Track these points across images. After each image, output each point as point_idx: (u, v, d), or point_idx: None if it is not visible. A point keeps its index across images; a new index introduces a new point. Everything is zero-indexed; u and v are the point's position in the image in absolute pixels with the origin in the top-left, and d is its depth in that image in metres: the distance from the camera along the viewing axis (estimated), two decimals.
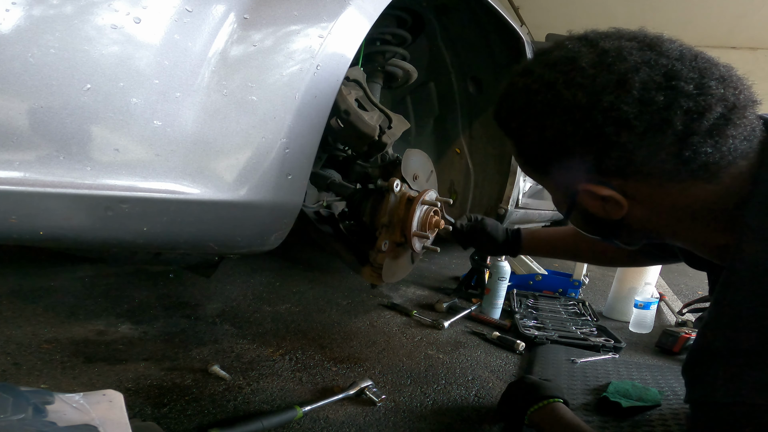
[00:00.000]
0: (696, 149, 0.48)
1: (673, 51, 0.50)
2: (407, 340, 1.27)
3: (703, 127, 0.47)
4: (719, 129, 0.48)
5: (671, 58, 0.49)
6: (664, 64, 0.48)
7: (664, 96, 0.47)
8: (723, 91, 0.48)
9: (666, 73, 0.48)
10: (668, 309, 2.07)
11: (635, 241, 0.64)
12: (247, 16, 0.62)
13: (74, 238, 0.52)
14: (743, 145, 0.49)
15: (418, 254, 1.18)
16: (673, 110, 0.47)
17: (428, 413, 0.90)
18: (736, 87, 0.49)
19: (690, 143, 0.48)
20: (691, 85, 0.47)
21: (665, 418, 0.94)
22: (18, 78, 0.43)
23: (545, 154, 0.57)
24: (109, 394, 0.64)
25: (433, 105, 1.80)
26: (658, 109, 0.47)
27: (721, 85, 0.48)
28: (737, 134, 0.48)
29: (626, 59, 0.49)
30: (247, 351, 1.07)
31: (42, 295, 1.24)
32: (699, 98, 0.47)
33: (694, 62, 0.49)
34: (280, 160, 0.65)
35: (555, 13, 4.87)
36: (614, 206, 0.55)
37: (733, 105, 0.48)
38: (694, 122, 0.47)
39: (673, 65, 0.48)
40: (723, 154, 0.48)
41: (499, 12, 1.37)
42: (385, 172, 1.16)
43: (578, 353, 1.26)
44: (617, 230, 0.61)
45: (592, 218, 0.60)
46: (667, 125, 0.47)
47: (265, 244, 0.75)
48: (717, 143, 0.48)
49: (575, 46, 0.53)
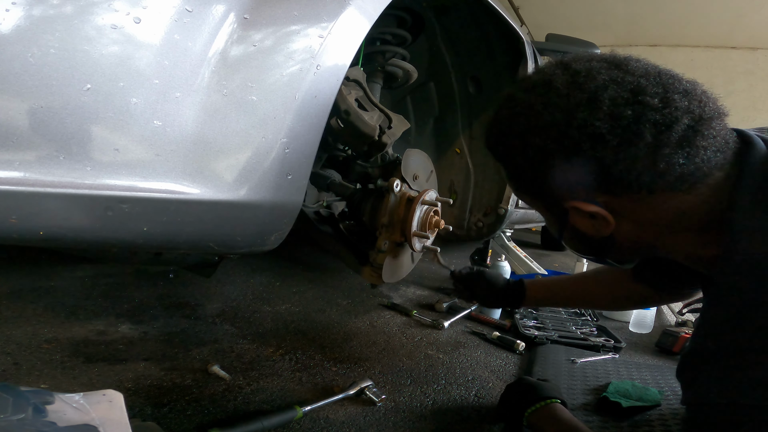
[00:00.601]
0: (669, 161, 0.50)
1: (639, 69, 0.53)
2: (407, 340, 1.27)
3: (673, 139, 0.49)
4: (689, 140, 0.50)
5: (636, 75, 0.52)
6: (630, 81, 0.51)
7: (632, 110, 0.50)
8: (687, 104, 0.50)
9: (632, 89, 0.51)
10: (668, 309, 2.07)
11: (627, 258, 0.66)
12: (247, 16, 0.62)
13: (74, 238, 0.52)
14: (717, 157, 0.51)
15: (418, 254, 1.18)
16: (642, 123, 0.49)
17: (428, 413, 0.90)
18: (701, 100, 0.51)
19: (663, 155, 0.50)
20: (656, 99, 0.50)
21: (665, 418, 0.94)
22: (18, 78, 0.43)
23: (531, 174, 0.59)
24: (109, 394, 0.64)
25: (433, 105, 1.80)
26: (628, 123, 0.50)
27: (686, 98, 0.51)
28: (708, 145, 0.50)
29: (596, 78, 0.52)
30: (247, 351, 1.07)
31: (42, 295, 1.24)
32: (665, 111, 0.49)
33: (658, 78, 0.52)
34: (280, 160, 0.65)
35: (555, 13, 4.87)
36: (602, 223, 0.57)
37: (699, 117, 0.50)
38: (663, 134, 0.49)
39: (639, 81, 0.51)
40: (697, 165, 0.51)
41: (499, 12, 1.37)
42: (385, 172, 1.16)
43: (578, 353, 1.26)
44: (608, 248, 0.62)
45: (582, 237, 0.62)
46: (639, 138, 0.50)
47: (265, 244, 0.75)
48: (689, 154, 0.50)
49: (551, 70, 0.57)
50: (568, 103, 0.52)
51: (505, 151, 0.61)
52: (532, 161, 0.57)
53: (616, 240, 0.60)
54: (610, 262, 0.67)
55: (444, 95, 1.76)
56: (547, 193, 0.60)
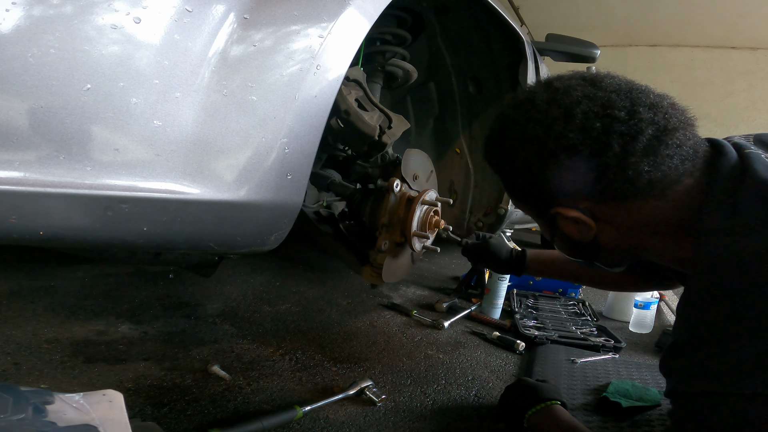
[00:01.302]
0: (636, 168, 0.54)
1: (611, 85, 0.57)
2: (407, 340, 1.27)
3: (638, 148, 0.53)
4: (653, 149, 0.54)
5: (608, 91, 0.56)
6: (601, 96, 0.56)
7: (600, 123, 0.54)
8: (653, 116, 0.54)
9: (603, 104, 0.55)
10: (668, 309, 2.07)
11: (614, 262, 0.70)
12: (247, 16, 0.62)
13: (74, 238, 0.52)
14: (685, 165, 0.55)
15: (418, 254, 1.18)
16: (611, 135, 0.54)
17: (428, 413, 0.90)
18: (666, 112, 0.55)
19: (630, 163, 0.54)
20: (623, 112, 0.54)
21: (665, 418, 0.94)
22: (18, 78, 0.43)
23: (520, 183, 0.64)
24: (109, 394, 0.64)
25: (433, 105, 1.80)
26: (598, 135, 0.54)
27: (651, 110, 0.55)
28: (673, 154, 0.54)
29: (571, 94, 0.57)
30: (247, 351, 1.07)
31: (42, 295, 1.24)
32: (630, 122, 0.54)
33: (628, 93, 0.56)
34: (280, 160, 0.65)
35: (555, 13, 4.86)
36: (585, 227, 0.62)
37: (664, 127, 0.54)
38: (629, 144, 0.53)
39: (609, 97, 0.55)
40: (664, 172, 0.55)
41: (499, 12, 1.37)
42: (385, 172, 1.16)
43: (578, 353, 1.26)
44: (594, 251, 0.67)
45: (570, 241, 0.66)
46: (607, 148, 0.54)
47: (265, 244, 0.75)
48: (655, 162, 0.54)
49: (535, 88, 0.62)
50: (546, 117, 0.57)
51: (498, 163, 0.67)
52: (519, 172, 0.62)
53: (600, 244, 0.64)
54: (599, 266, 0.72)
55: (444, 95, 1.76)
56: (535, 201, 0.65)
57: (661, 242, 0.61)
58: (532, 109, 0.59)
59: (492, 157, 0.68)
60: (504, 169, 0.66)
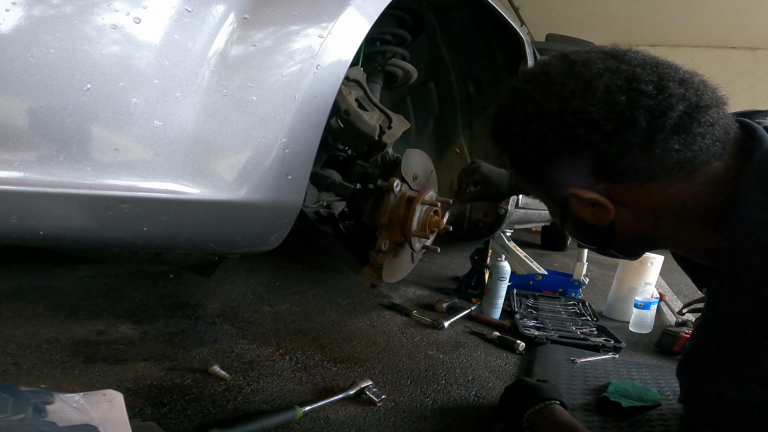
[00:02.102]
0: (664, 146, 0.50)
1: (635, 59, 0.54)
2: (407, 340, 1.27)
3: (668, 125, 0.50)
4: (684, 126, 0.50)
5: (632, 65, 0.53)
6: (625, 70, 0.52)
7: (626, 97, 0.50)
8: (683, 92, 0.50)
9: (627, 77, 0.52)
10: (668, 309, 2.07)
11: (630, 250, 0.66)
12: (247, 16, 0.61)
13: (74, 238, 0.52)
14: (716, 146, 0.51)
15: (418, 254, 1.18)
16: (637, 109, 0.50)
17: (428, 413, 0.90)
18: (697, 88, 0.51)
19: (658, 140, 0.50)
20: (651, 86, 0.50)
21: (665, 418, 0.94)
22: (18, 78, 0.43)
23: (531, 161, 0.60)
24: (109, 394, 0.64)
25: (433, 105, 1.80)
26: (622, 109, 0.50)
27: (681, 86, 0.51)
28: (705, 132, 0.50)
29: (591, 67, 0.53)
30: (247, 351, 1.07)
31: (42, 295, 1.24)
32: (659, 97, 0.50)
33: (654, 68, 0.53)
34: (280, 160, 0.65)
35: (555, 13, 4.86)
36: (602, 211, 0.57)
37: (695, 104, 0.50)
38: (657, 120, 0.50)
39: (634, 70, 0.52)
40: (694, 152, 0.51)
41: (499, 12, 1.37)
42: (385, 172, 1.16)
43: (578, 353, 1.26)
44: (610, 237, 0.62)
45: (584, 226, 0.62)
46: (633, 123, 0.50)
47: (265, 244, 0.75)
48: (685, 141, 0.50)
49: (550, 61, 0.59)
50: (563, 90, 0.54)
51: (507, 139, 0.62)
52: (531, 148, 0.58)
53: (616, 229, 0.60)
54: (613, 253, 0.67)
55: (444, 95, 1.76)
56: (548, 181, 0.61)
57: (683, 229, 0.57)
58: (547, 82, 0.56)
59: (501, 134, 0.63)
60: (514, 146, 0.61)
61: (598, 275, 2.88)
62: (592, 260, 3.45)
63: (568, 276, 2.05)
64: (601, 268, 3.22)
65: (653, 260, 1.75)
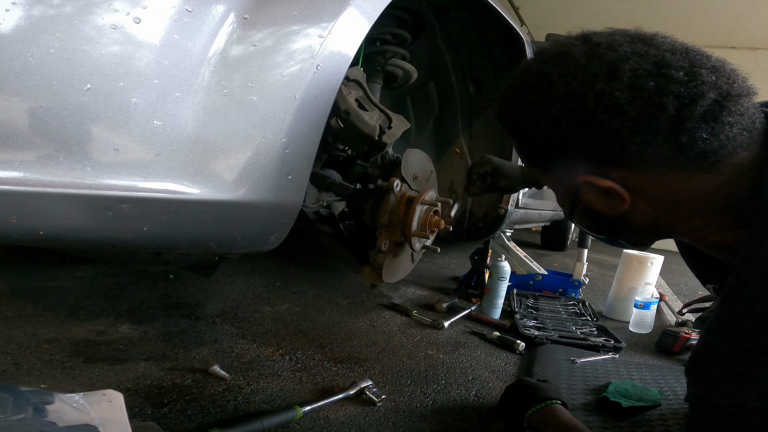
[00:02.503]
0: (692, 135, 0.48)
1: (664, 44, 0.51)
2: (407, 340, 1.27)
3: (697, 113, 0.48)
4: (714, 115, 0.48)
5: (662, 50, 0.50)
6: (654, 54, 0.50)
7: (654, 82, 0.48)
8: (715, 79, 0.49)
9: (656, 62, 0.49)
10: (668, 309, 2.07)
11: (641, 240, 0.63)
12: (247, 16, 0.61)
13: (74, 238, 0.52)
14: (743, 136, 0.49)
15: (418, 254, 1.18)
16: (665, 95, 0.48)
17: (428, 413, 0.90)
18: (729, 77, 0.50)
19: (685, 129, 0.48)
20: (682, 73, 0.48)
21: (665, 418, 0.94)
22: (18, 78, 0.43)
23: (543, 145, 0.57)
24: (109, 394, 0.64)
25: (433, 105, 1.80)
26: (650, 95, 0.48)
27: (713, 74, 0.49)
28: (734, 122, 0.48)
29: (617, 50, 0.51)
30: (247, 351, 1.07)
31: (42, 295, 1.24)
32: (690, 84, 0.48)
33: (685, 54, 0.50)
34: (280, 160, 0.65)
35: (555, 13, 4.87)
36: (616, 200, 0.55)
37: (726, 93, 0.48)
38: (687, 107, 0.48)
39: (664, 55, 0.50)
40: (721, 142, 0.49)
41: (499, 12, 1.37)
42: (385, 172, 1.16)
43: (578, 353, 1.26)
44: (622, 228, 0.60)
45: (595, 215, 0.59)
46: (660, 110, 0.48)
47: (265, 244, 0.75)
48: (713, 130, 0.48)
49: (569, 41, 0.55)
50: (585, 73, 0.51)
51: (517, 122, 0.59)
52: (545, 132, 0.55)
53: (629, 219, 0.57)
54: (623, 243, 0.65)
55: (444, 95, 1.76)
56: (560, 167, 0.58)
57: (700, 221, 0.54)
58: (567, 63, 0.52)
59: (510, 115, 0.60)
60: (524, 129, 0.58)
61: (598, 275, 2.88)
62: (592, 260, 3.45)
63: (568, 276, 2.06)
64: (601, 268, 3.22)
65: (653, 260, 1.75)
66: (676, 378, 1.16)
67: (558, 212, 2.94)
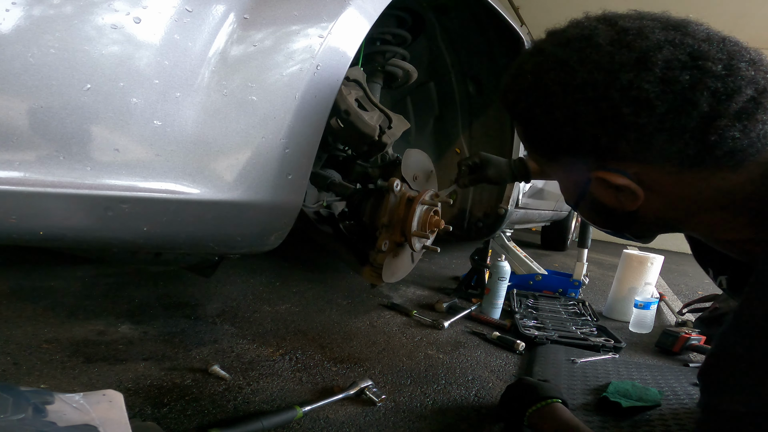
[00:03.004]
0: (723, 133, 0.45)
1: (699, 32, 0.48)
2: (407, 340, 1.27)
3: (732, 110, 0.45)
4: (748, 113, 0.45)
5: (697, 39, 0.47)
6: (689, 44, 0.46)
7: (689, 75, 0.45)
8: (753, 74, 0.45)
9: (691, 53, 0.46)
10: (668, 309, 2.07)
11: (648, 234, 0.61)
12: (247, 16, 0.62)
13: (74, 238, 0.52)
14: None
15: (418, 254, 1.18)
16: (699, 90, 0.44)
17: (428, 413, 0.90)
18: (767, 71, 0.47)
19: (716, 126, 0.45)
20: (719, 66, 0.45)
21: (665, 418, 0.94)
22: (18, 78, 0.43)
23: (555, 137, 0.53)
24: (109, 394, 0.64)
25: (433, 105, 1.80)
26: (683, 89, 0.45)
27: (752, 67, 0.46)
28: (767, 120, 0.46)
29: (648, 37, 0.47)
30: (247, 351, 1.07)
31: (42, 295, 1.24)
32: (728, 79, 0.45)
33: (722, 44, 0.47)
34: (280, 160, 0.65)
35: (555, 13, 4.85)
36: (629, 196, 0.52)
37: (763, 88, 0.46)
38: (721, 104, 0.44)
39: (700, 45, 0.46)
40: (752, 140, 0.46)
41: (499, 12, 1.37)
42: (385, 172, 1.16)
43: (578, 353, 1.26)
44: (630, 222, 0.57)
45: (603, 209, 0.57)
46: (692, 106, 0.45)
47: (265, 244, 0.75)
48: (745, 128, 0.45)
49: (592, 24, 0.51)
50: (611, 61, 0.47)
51: (528, 109, 0.54)
52: (558, 123, 0.51)
53: (639, 214, 0.55)
54: (628, 236, 0.63)
55: (444, 95, 1.76)
56: (568, 159, 0.55)
57: (714, 219, 0.52)
58: (589, 49, 0.48)
59: (518, 102, 0.55)
60: (534, 117, 0.54)
61: (598, 275, 2.88)
62: (592, 260, 3.45)
63: (568, 276, 2.05)
64: (601, 268, 3.22)
65: (653, 260, 1.75)
66: (676, 378, 1.16)
67: (558, 212, 2.94)
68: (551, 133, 0.53)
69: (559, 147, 0.54)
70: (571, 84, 0.49)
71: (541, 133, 0.55)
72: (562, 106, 0.50)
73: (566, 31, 0.53)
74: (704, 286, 2.95)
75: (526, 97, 0.54)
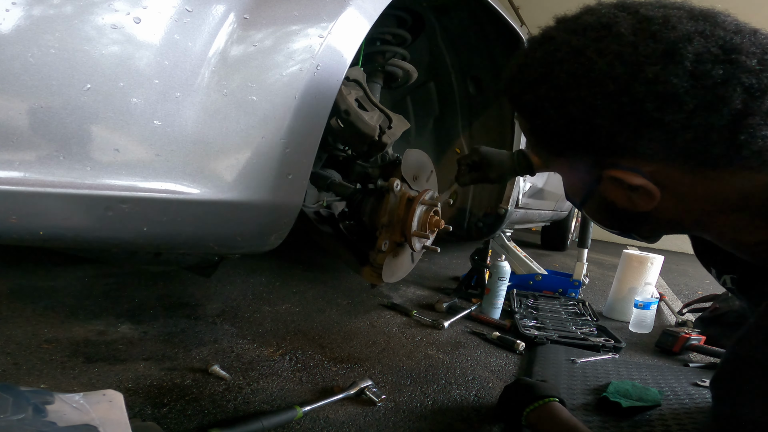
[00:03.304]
0: (753, 132, 0.42)
1: (729, 23, 0.45)
2: (407, 340, 1.27)
3: (764, 107, 0.42)
4: None
5: (728, 31, 0.44)
6: (720, 36, 0.43)
7: (723, 70, 0.42)
8: None
9: (723, 46, 0.43)
10: (668, 309, 2.07)
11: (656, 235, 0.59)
12: (247, 16, 0.62)
13: (74, 238, 0.52)
14: None
15: (418, 254, 1.18)
16: (732, 86, 0.42)
17: (428, 413, 0.90)
18: None
19: (747, 125, 0.42)
20: (754, 61, 0.42)
21: (665, 418, 0.94)
22: (18, 78, 0.43)
23: (566, 132, 0.49)
24: (109, 394, 0.64)
25: (433, 105, 1.80)
26: (714, 84, 0.42)
27: None
28: None
29: (676, 28, 0.43)
30: (247, 351, 1.07)
31: (42, 295, 1.24)
32: (763, 75, 0.42)
33: (753, 37, 0.44)
34: (280, 160, 0.65)
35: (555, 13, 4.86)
36: (643, 197, 0.49)
37: None
38: (754, 101, 0.42)
39: (732, 38, 0.43)
40: None
41: (499, 12, 1.37)
42: (385, 172, 1.16)
43: (578, 353, 1.26)
44: (640, 223, 0.54)
45: (613, 209, 0.54)
46: (724, 103, 0.42)
47: (265, 244, 0.75)
48: None
49: (610, 11, 0.47)
50: (635, 53, 0.43)
51: (535, 102, 0.50)
52: (571, 118, 0.47)
53: (652, 215, 0.52)
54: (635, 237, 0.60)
55: (444, 95, 1.76)
56: (578, 157, 0.51)
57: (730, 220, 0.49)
58: (609, 38, 0.44)
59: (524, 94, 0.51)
60: (544, 111, 0.50)
61: (598, 275, 2.88)
62: (592, 260, 3.45)
63: (568, 276, 2.05)
64: (601, 268, 3.22)
65: (653, 260, 1.75)
66: (676, 378, 1.16)
67: (558, 212, 2.94)
68: (562, 128, 0.49)
69: (569, 143, 0.51)
70: (588, 76, 0.45)
71: (550, 127, 0.51)
72: (577, 99, 0.46)
73: (580, 17, 0.49)
74: (704, 286, 2.95)
75: (533, 89, 0.50)
